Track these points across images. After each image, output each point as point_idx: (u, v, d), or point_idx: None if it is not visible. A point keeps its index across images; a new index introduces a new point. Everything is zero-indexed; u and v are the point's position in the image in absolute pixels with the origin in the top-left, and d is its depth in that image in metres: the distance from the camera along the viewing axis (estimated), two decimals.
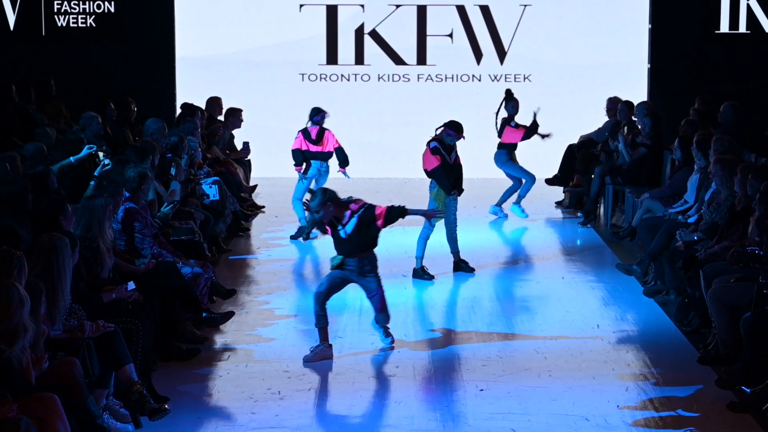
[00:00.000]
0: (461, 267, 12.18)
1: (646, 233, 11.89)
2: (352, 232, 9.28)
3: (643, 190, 13.85)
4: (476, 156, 18.12)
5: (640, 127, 14.69)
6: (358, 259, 9.36)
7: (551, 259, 12.94)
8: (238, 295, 11.08)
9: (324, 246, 13.21)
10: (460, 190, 12.06)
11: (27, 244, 8.21)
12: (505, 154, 15.02)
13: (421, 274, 11.84)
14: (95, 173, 10.86)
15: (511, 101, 14.85)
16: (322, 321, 9.38)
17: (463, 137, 12.09)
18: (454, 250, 12.16)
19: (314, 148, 13.58)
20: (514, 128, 14.81)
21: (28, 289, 6.71)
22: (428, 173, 11.90)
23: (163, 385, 8.44)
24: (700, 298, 9.76)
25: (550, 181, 16.03)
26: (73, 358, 7.15)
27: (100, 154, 11.59)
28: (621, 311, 10.74)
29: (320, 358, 9.25)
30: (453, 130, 12.00)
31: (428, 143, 11.97)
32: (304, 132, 13.62)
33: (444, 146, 11.90)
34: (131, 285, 8.50)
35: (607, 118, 15.98)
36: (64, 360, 7.09)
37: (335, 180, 13.44)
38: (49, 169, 10.49)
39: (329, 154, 13.66)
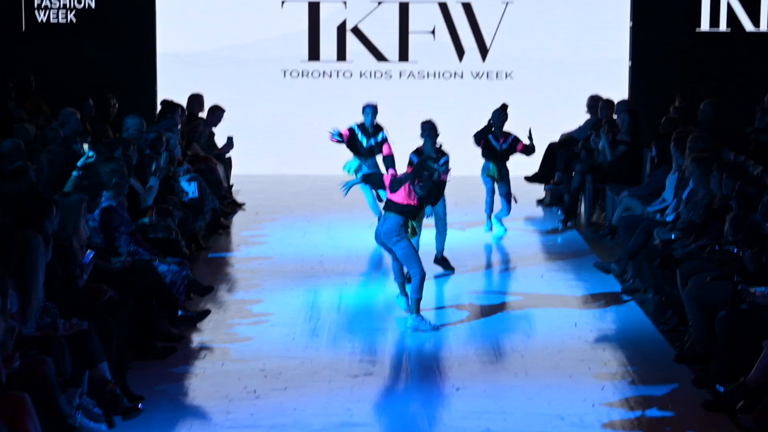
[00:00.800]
0: (442, 262, 12.13)
1: (624, 232, 11.88)
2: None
3: (623, 188, 13.83)
4: (455, 153, 18.15)
5: (618, 124, 14.71)
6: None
7: (531, 258, 12.93)
8: (216, 293, 11.03)
9: (305, 244, 13.21)
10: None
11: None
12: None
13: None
14: (78, 164, 10.72)
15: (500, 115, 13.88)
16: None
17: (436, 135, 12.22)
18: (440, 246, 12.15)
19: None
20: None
21: None
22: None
23: (139, 383, 8.40)
24: (677, 297, 9.76)
25: (530, 179, 16.01)
26: (45, 356, 7.10)
27: (85, 145, 11.46)
28: (599, 310, 10.73)
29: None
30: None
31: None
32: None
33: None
34: (89, 255, 8.45)
35: (588, 116, 15.97)
36: (36, 358, 7.03)
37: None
38: (27, 164, 10.39)
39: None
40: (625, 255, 11.35)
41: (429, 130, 12.17)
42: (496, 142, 13.70)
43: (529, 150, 13.79)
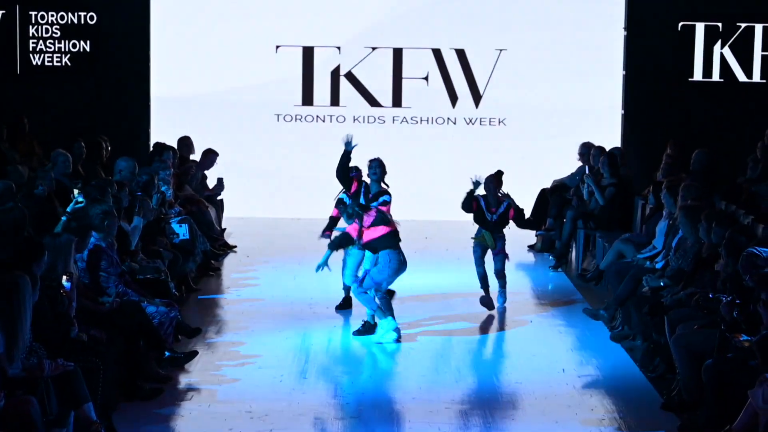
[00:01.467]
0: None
1: (613, 278, 11.92)
2: None
3: (614, 234, 13.91)
4: (449, 199, 18.23)
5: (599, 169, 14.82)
6: None
7: (521, 302, 12.94)
8: (204, 334, 11.06)
9: (295, 287, 13.24)
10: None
11: None
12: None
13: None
14: (68, 209, 10.78)
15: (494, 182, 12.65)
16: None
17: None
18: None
19: None
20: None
21: None
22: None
23: (125, 424, 8.42)
24: (665, 344, 9.79)
25: (521, 224, 16.01)
26: (31, 396, 7.11)
27: (75, 191, 11.54)
28: (587, 356, 10.75)
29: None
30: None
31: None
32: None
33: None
34: (68, 283, 8.49)
35: (579, 163, 16.06)
36: (21, 398, 7.05)
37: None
38: (18, 206, 10.41)
39: None
40: (614, 302, 11.40)
41: (377, 167, 12.12)
42: (488, 212, 12.45)
43: (520, 217, 12.67)
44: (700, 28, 17.64)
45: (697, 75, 17.77)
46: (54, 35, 17.25)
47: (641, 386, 9.83)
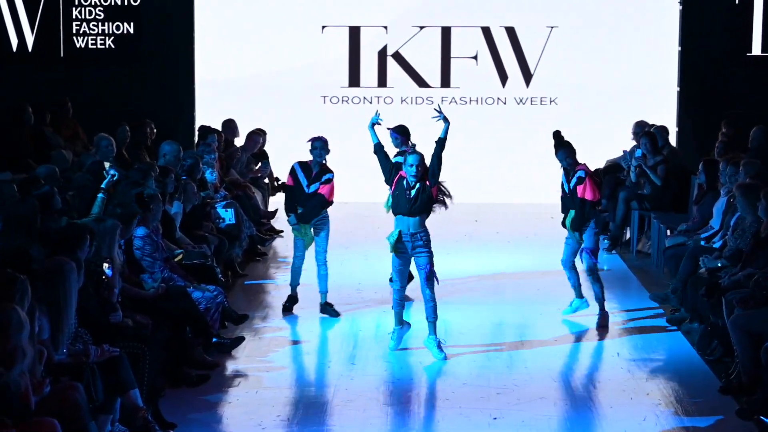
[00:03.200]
0: (327, 310, 11.54)
1: (670, 261, 11.85)
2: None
3: (669, 216, 13.84)
4: (499, 180, 18.19)
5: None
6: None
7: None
8: (251, 320, 11.12)
9: (343, 272, 13.26)
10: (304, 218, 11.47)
11: (39, 265, 8.25)
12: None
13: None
14: (102, 185, 10.73)
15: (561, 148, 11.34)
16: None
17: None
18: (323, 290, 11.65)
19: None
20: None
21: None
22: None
23: (172, 411, 8.48)
24: (722, 326, 9.72)
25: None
26: (76, 382, 7.19)
27: (106, 164, 11.44)
28: (642, 339, 10.70)
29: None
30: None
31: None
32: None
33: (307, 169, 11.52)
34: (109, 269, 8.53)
35: (633, 143, 15.95)
36: (67, 384, 7.13)
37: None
38: (54, 189, 10.42)
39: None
40: (680, 283, 11.23)
41: (321, 147, 11.59)
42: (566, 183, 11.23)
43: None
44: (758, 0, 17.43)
45: (756, 49, 17.55)
46: (97, 17, 17.36)
47: (698, 370, 9.77)
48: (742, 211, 10.74)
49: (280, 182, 16.13)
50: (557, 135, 11.35)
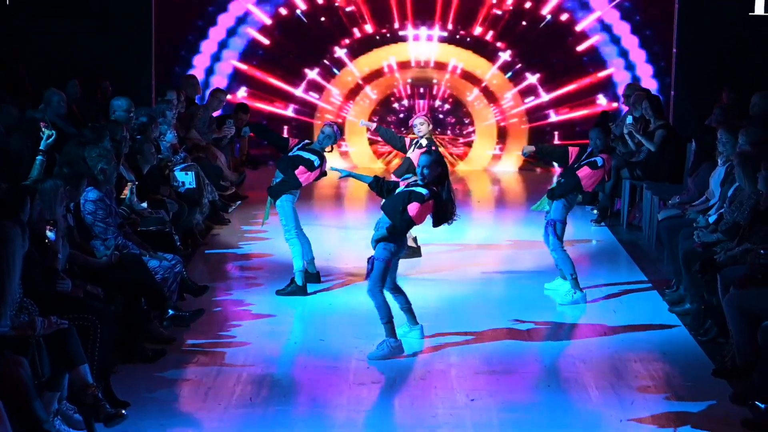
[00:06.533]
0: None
1: (665, 233, 11.86)
2: None
3: (662, 185, 13.85)
4: None
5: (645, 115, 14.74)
6: None
7: None
8: (212, 292, 11.10)
9: (312, 241, 13.22)
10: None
11: None
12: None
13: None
14: (41, 146, 10.57)
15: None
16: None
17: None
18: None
19: None
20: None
21: None
22: None
23: (125, 388, 8.46)
24: (717, 305, 9.74)
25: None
26: (21, 357, 7.15)
27: (41, 124, 11.28)
28: (631, 318, 10.73)
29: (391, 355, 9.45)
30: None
31: None
32: None
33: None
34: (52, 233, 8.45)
35: (626, 108, 15.97)
36: (10, 359, 7.08)
37: None
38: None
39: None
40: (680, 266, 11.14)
41: (327, 135, 11.62)
42: None
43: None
44: None
45: (759, 9, 17.53)
46: None
47: (691, 351, 9.81)
48: (741, 182, 10.74)
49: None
50: (604, 115, 12.45)
